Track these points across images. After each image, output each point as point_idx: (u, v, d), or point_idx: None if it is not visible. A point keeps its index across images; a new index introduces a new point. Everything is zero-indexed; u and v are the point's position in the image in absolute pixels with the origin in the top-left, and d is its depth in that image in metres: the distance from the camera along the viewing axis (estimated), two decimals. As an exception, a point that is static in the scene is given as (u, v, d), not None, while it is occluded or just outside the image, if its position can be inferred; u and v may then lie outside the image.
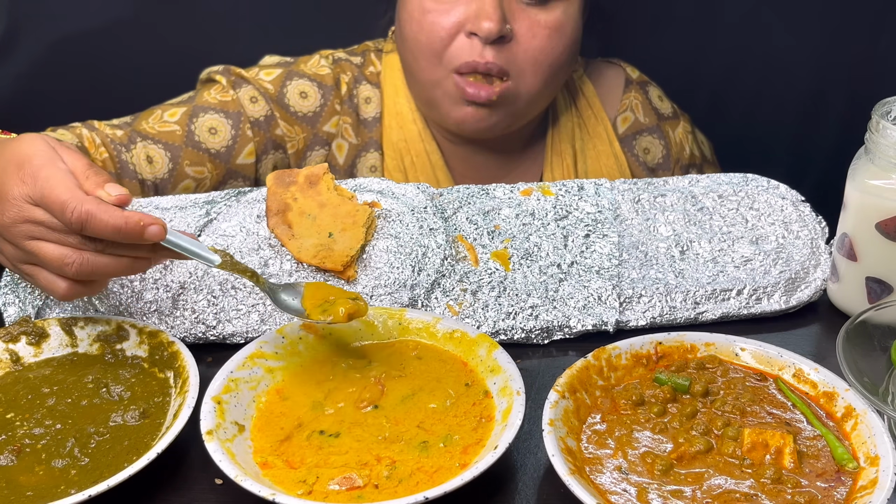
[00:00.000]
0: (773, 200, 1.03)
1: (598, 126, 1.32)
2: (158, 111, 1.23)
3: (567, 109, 1.31)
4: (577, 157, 1.31)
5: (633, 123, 1.33)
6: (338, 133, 1.28)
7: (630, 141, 1.33)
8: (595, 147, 1.31)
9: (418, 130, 1.28)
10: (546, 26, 1.15)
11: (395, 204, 0.99)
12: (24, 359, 0.88)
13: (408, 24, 1.18)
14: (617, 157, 1.32)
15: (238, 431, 0.76)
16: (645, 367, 0.82)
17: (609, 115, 1.34)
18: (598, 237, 0.98)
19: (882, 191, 0.87)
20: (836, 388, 0.78)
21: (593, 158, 1.31)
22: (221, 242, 0.96)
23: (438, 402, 0.80)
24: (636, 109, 1.33)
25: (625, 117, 1.34)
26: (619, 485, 0.71)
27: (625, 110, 1.33)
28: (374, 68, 1.30)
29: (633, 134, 1.33)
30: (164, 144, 1.20)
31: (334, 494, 0.71)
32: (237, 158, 1.23)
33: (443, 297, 0.93)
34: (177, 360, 0.84)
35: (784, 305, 0.94)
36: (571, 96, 1.32)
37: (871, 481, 0.69)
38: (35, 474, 0.74)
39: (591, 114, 1.33)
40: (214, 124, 1.22)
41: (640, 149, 1.33)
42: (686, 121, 1.38)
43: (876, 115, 0.87)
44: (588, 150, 1.31)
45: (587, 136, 1.32)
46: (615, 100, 1.35)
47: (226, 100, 1.23)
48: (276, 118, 1.25)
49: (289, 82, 1.26)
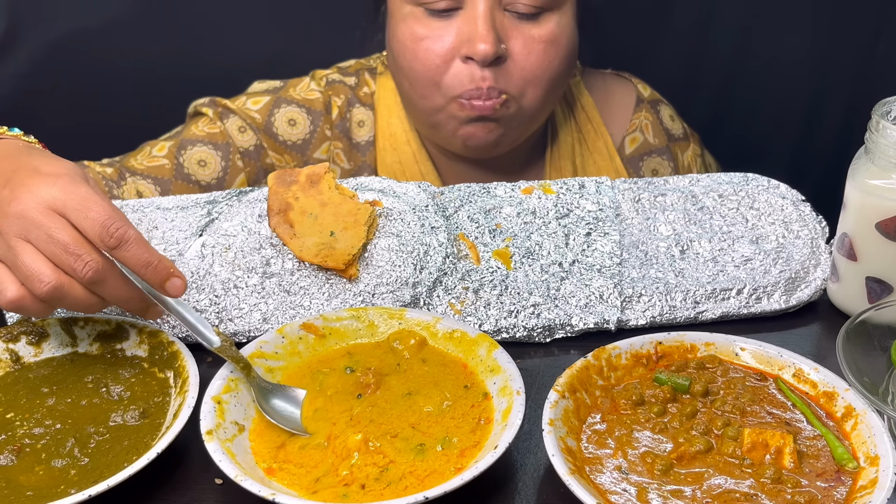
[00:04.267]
0: (773, 200, 1.03)
1: (597, 141, 1.31)
2: (147, 148, 1.23)
3: (566, 124, 1.30)
4: (576, 173, 1.30)
5: (642, 144, 1.32)
6: (329, 158, 1.27)
7: (637, 162, 1.32)
8: (595, 163, 1.30)
9: (412, 152, 1.26)
10: (541, 41, 1.13)
11: (397, 202, 0.99)
12: (24, 358, 0.88)
13: (401, 53, 1.16)
14: (618, 172, 1.30)
15: (238, 431, 0.76)
16: (645, 367, 0.82)
17: (615, 132, 1.32)
18: (599, 235, 0.98)
19: (882, 191, 0.87)
20: (836, 387, 0.78)
21: (593, 173, 1.30)
22: (223, 242, 0.96)
23: (434, 405, 0.79)
24: (646, 130, 1.32)
25: (633, 137, 1.32)
26: (619, 485, 0.71)
27: (634, 130, 1.32)
28: (369, 88, 1.28)
29: (640, 155, 1.32)
30: (153, 179, 1.20)
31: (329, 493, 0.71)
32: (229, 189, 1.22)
33: (445, 296, 0.93)
34: (177, 359, 0.84)
35: (784, 305, 0.94)
36: (570, 109, 1.31)
37: (871, 481, 0.69)
38: (35, 474, 0.74)
39: (591, 128, 1.31)
40: (203, 156, 1.22)
41: (648, 170, 1.32)
42: (696, 142, 1.36)
43: (876, 115, 0.87)
44: (588, 166, 1.30)
45: (587, 151, 1.31)
46: (624, 118, 1.33)
47: (214, 132, 1.22)
48: (264, 148, 1.24)
49: (276, 110, 1.25)
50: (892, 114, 0.88)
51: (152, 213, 1.04)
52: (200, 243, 0.97)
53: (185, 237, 0.99)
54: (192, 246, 0.97)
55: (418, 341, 0.86)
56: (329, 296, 0.92)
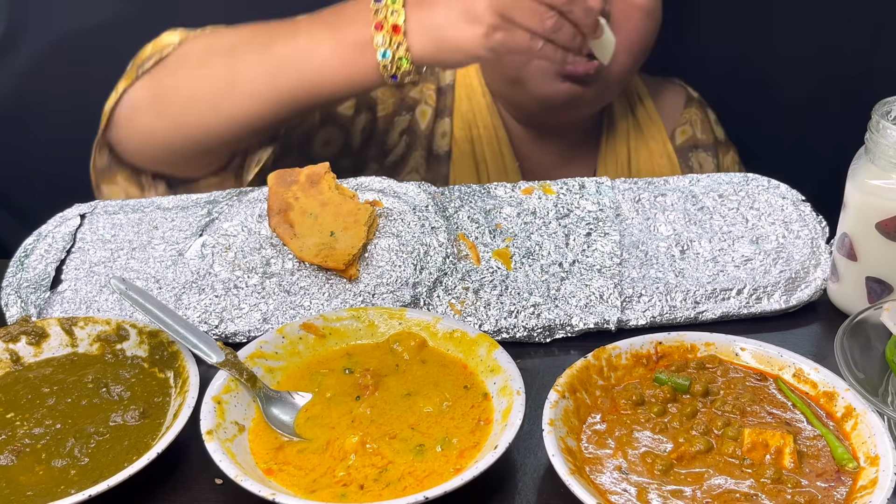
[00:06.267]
0: (773, 200, 1.03)
1: (651, 127, 1.33)
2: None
3: (623, 113, 1.33)
4: (630, 155, 1.32)
5: (691, 137, 1.34)
6: (422, 99, 1.30)
7: (686, 153, 1.33)
8: (648, 146, 1.32)
9: (487, 104, 1.29)
10: (639, 9, 1.17)
11: (397, 203, 0.99)
12: (24, 359, 0.88)
13: None
14: (670, 157, 1.32)
15: (238, 431, 0.76)
16: (645, 367, 0.82)
17: (667, 125, 1.34)
18: (599, 235, 0.98)
19: (882, 191, 0.87)
20: (836, 387, 0.78)
21: (646, 157, 1.32)
22: (223, 242, 0.96)
23: (434, 406, 0.79)
24: (695, 125, 1.34)
25: (683, 129, 1.34)
26: (619, 485, 0.71)
27: (684, 123, 1.35)
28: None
29: (689, 146, 1.34)
30: None
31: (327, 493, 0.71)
32: (339, 106, 1.25)
33: (445, 296, 0.93)
34: (177, 359, 0.84)
35: (784, 305, 0.94)
36: (629, 101, 1.33)
37: (871, 481, 0.69)
38: (35, 474, 0.74)
39: (646, 116, 1.33)
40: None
41: (696, 162, 1.34)
42: (735, 152, 1.39)
43: (876, 115, 0.87)
44: (641, 150, 1.32)
45: (640, 136, 1.33)
46: (675, 113, 1.36)
47: None
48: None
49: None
50: (892, 114, 0.88)
51: (152, 213, 1.04)
52: (200, 243, 0.97)
53: (185, 237, 0.99)
54: (192, 246, 0.97)
55: (418, 343, 0.86)
56: (329, 296, 0.92)
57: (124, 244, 1.00)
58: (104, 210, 1.06)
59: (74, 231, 1.02)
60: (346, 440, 0.75)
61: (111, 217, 1.04)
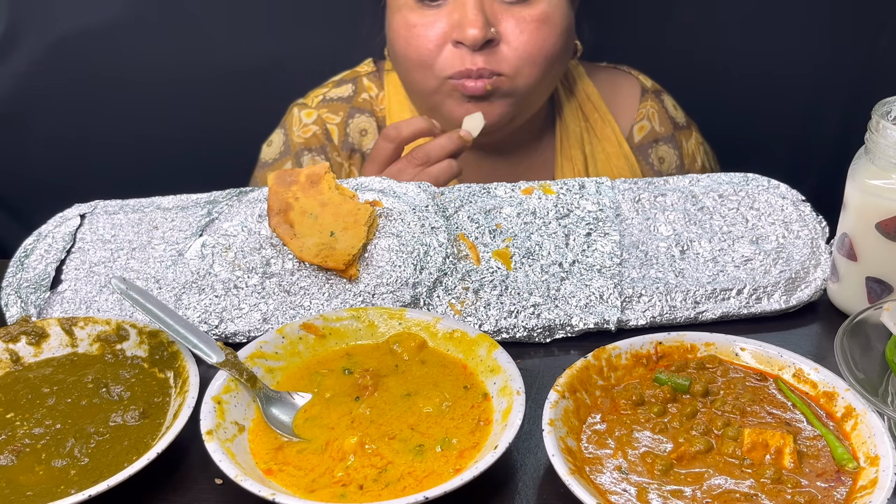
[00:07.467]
0: (773, 200, 1.03)
1: (605, 128, 1.33)
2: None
3: (572, 114, 1.32)
4: (587, 160, 1.32)
5: (650, 132, 1.34)
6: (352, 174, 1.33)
7: (646, 150, 1.33)
8: (604, 149, 1.32)
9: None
10: (532, 20, 1.16)
11: (397, 203, 0.99)
12: (24, 359, 0.88)
13: (396, 41, 1.21)
14: (627, 158, 1.32)
15: (238, 431, 0.76)
16: (645, 367, 0.82)
17: (624, 122, 1.34)
18: (599, 235, 0.98)
19: (882, 191, 0.87)
20: (836, 387, 0.78)
21: (603, 161, 1.32)
22: (223, 242, 0.96)
23: (434, 406, 0.79)
24: (652, 119, 1.34)
25: (641, 126, 1.34)
26: (619, 485, 0.71)
27: (641, 119, 1.34)
28: (368, 93, 1.32)
29: (649, 143, 1.33)
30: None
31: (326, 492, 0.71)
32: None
33: (445, 296, 0.93)
34: (177, 359, 0.84)
35: (784, 305, 0.94)
36: (575, 99, 1.33)
37: (871, 481, 0.69)
38: (35, 474, 0.74)
39: (598, 117, 1.33)
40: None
41: (656, 158, 1.34)
42: (696, 130, 1.39)
43: (876, 115, 0.87)
44: (597, 153, 1.32)
45: (595, 139, 1.33)
46: (631, 109, 1.35)
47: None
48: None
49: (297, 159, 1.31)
50: (892, 114, 0.88)
51: (152, 213, 1.04)
52: (200, 243, 0.97)
53: (185, 237, 0.99)
54: (192, 246, 0.97)
55: (418, 344, 0.86)
56: (329, 296, 0.92)
57: (124, 244, 1.00)
58: (104, 210, 1.06)
59: (74, 231, 1.02)
60: (345, 440, 0.75)
61: (111, 217, 1.04)
